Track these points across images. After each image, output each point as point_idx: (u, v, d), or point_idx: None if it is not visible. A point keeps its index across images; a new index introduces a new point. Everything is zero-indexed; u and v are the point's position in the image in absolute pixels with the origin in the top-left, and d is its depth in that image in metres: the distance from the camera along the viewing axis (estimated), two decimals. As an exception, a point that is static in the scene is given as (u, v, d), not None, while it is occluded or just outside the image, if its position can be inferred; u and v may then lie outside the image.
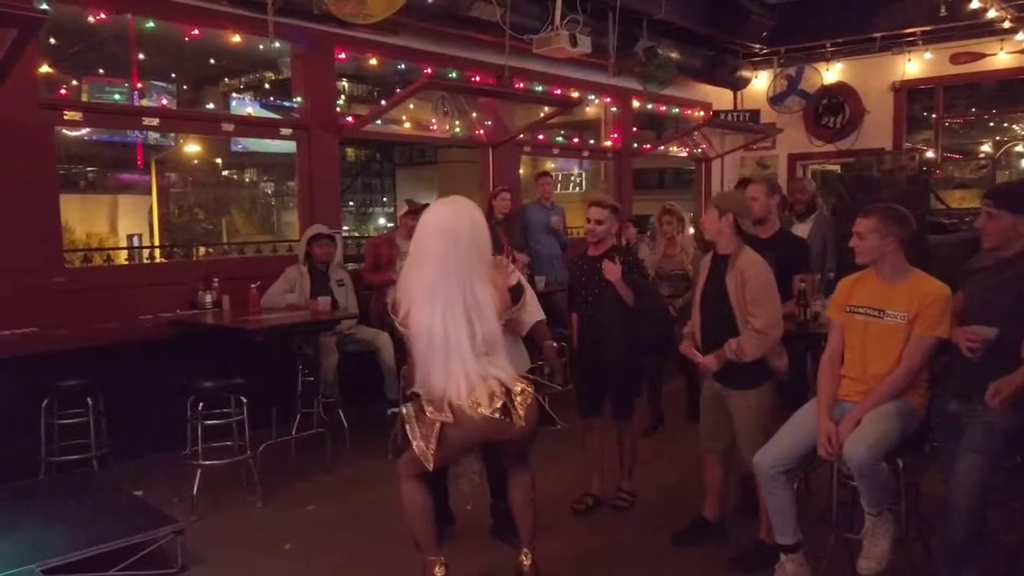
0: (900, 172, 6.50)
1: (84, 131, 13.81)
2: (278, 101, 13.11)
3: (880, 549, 2.97)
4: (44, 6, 4.54)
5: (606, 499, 4.17)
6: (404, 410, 3.00)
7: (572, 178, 18.48)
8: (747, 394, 3.42)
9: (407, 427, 2.94)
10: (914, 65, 8.71)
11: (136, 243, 15.55)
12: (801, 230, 5.33)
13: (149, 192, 18.18)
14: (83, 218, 17.17)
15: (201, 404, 4.23)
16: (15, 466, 4.15)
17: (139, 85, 6.60)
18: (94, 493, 3.97)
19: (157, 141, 15.84)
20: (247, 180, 22.42)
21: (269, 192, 22.87)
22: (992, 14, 7.65)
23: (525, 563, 3.19)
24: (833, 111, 9.15)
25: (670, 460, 4.81)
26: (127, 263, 8.32)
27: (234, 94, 13.92)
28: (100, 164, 17.79)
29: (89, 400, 4.35)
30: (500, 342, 2.99)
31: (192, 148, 17.64)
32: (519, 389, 2.95)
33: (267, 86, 14.25)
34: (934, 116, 9.07)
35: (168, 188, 18.66)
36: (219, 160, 20.20)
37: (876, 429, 2.91)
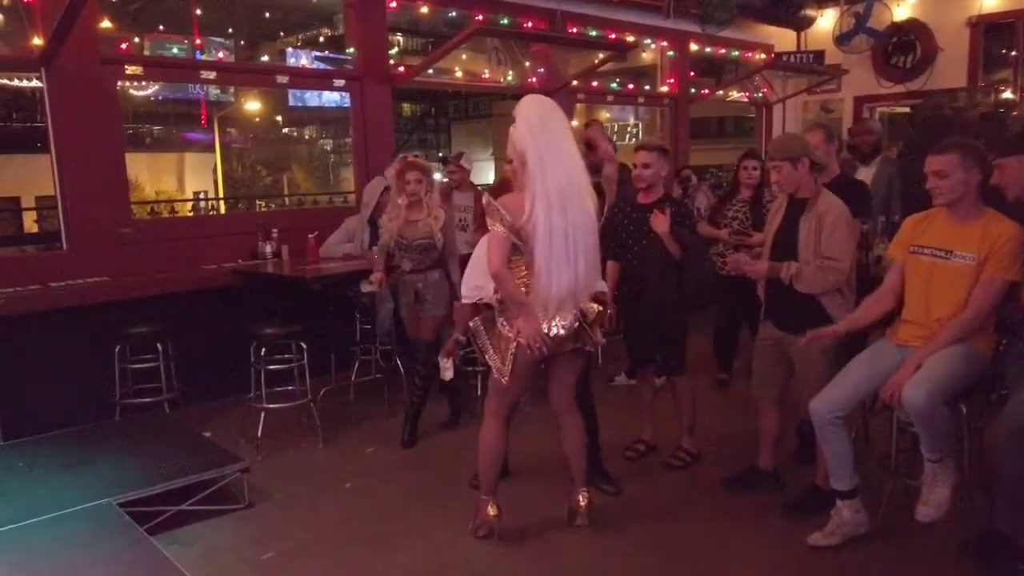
0: (973, 110, 6.15)
1: (150, 91, 14.16)
2: (333, 55, 13.20)
3: (939, 496, 2.90)
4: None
5: (659, 447, 4.16)
6: (472, 324, 3.08)
7: (628, 128, 18.16)
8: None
9: (478, 340, 3.02)
10: (993, -3, 8.19)
11: (202, 199, 16.00)
12: (866, 173, 5.14)
13: (213, 149, 18.62)
14: (152, 177, 17.71)
15: (264, 350, 4.37)
16: (92, 408, 4.39)
17: (198, 41, 6.72)
18: (165, 433, 4.15)
19: (218, 97, 16.15)
20: (306, 137, 22.75)
21: (328, 149, 23.14)
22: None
23: (581, 503, 3.25)
24: (903, 50, 8.65)
25: (726, 409, 4.77)
26: (191, 215, 8.54)
27: (289, 49, 14.07)
28: (165, 123, 18.28)
29: (159, 346, 4.52)
30: (597, 253, 3.03)
31: (252, 105, 17.92)
32: (594, 312, 3.00)
33: (322, 40, 14.35)
34: (1013, 53, 8.54)
35: (230, 145, 19.10)
36: (279, 118, 20.51)
37: (938, 373, 2.82)
